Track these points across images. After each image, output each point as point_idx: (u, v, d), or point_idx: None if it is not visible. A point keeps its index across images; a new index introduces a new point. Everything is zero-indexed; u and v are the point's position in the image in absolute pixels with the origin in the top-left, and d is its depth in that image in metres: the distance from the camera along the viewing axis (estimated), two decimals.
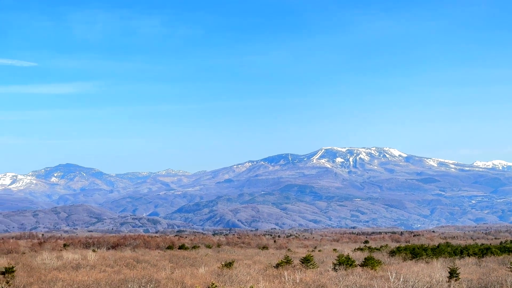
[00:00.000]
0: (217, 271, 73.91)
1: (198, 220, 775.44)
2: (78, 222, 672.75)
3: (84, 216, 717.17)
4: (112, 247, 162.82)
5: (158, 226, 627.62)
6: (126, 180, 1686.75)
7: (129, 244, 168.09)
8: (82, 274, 70.27)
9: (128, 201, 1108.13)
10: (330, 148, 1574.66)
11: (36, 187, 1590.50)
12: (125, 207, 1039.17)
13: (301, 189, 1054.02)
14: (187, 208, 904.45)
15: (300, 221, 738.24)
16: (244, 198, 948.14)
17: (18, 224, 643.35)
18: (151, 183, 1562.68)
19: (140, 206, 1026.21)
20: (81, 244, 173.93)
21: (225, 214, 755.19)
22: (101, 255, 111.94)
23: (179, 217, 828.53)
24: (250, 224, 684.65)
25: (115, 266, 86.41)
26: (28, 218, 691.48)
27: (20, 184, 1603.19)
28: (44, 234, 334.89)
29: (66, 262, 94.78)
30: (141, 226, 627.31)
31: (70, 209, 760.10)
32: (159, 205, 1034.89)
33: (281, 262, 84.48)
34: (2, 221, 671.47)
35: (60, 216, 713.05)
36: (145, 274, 65.91)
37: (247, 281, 62.07)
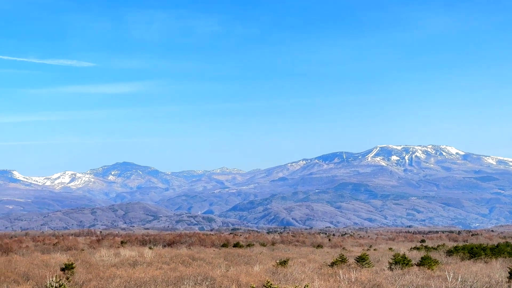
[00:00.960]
0: (272, 269, 73.91)
1: (253, 218, 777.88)
2: (135, 220, 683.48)
3: (141, 213, 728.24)
4: (168, 244, 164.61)
5: (213, 224, 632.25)
6: (181, 178, 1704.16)
7: (184, 241, 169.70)
8: (139, 271, 71.24)
9: (183, 199, 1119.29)
10: (385, 146, 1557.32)
11: (94, 185, 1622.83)
12: (181, 205, 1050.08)
13: (355, 188, 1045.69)
14: (241, 206, 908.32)
15: (355, 219, 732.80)
16: (299, 197, 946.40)
17: (77, 222, 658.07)
18: (206, 181, 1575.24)
19: (195, 204, 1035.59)
20: (137, 242, 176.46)
21: (279, 213, 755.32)
22: (158, 252, 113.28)
23: (233, 215, 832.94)
24: (305, 223, 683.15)
25: (171, 263, 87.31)
26: (87, 215, 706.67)
27: (78, 182, 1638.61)
28: (102, 231, 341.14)
29: (124, 259, 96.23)
30: (196, 224, 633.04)
31: (127, 207, 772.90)
32: (214, 203, 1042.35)
33: (336, 261, 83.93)
34: (62, 218, 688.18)
35: (117, 214, 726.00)
36: (201, 272, 66.40)
37: (302, 279, 61.91)
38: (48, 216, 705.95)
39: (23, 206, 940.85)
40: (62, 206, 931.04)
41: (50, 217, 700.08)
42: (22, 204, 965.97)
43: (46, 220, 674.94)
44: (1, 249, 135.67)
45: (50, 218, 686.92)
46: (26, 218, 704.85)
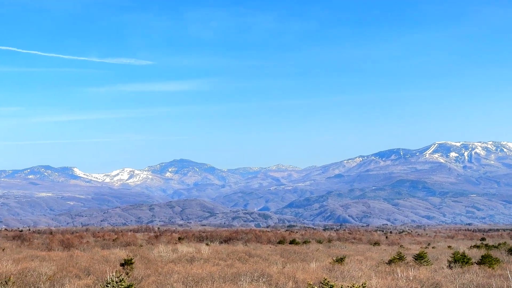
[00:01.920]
0: (329, 266, 73.59)
1: (309, 215, 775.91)
2: (192, 216, 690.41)
3: (197, 210, 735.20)
4: (224, 241, 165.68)
5: (269, 221, 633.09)
6: (237, 175, 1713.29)
7: (241, 238, 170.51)
8: (197, 267, 71.92)
9: (240, 196, 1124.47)
10: (443, 143, 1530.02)
11: (152, 182, 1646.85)
12: (237, 201, 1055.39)
13: (413, 185, 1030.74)
14: (297, 203, 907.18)
15: (412, 217, 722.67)
16: (355, 194, 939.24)
17: (136, 218, 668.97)
18: (262, 178, 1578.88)
19: (251, 201, 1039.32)
20: (194, 238, 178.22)
21: (336, 210, 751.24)
22: (214, 248, 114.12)
23: (289, 212, 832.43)
24: (361, 220, 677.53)
25: (228, 260, 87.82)
26: (145, 212, 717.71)
27: (137, 179, 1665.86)
28: (159, 228, 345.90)
29: (181, 255, 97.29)
30: (252, 220, 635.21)
31: (184, 204, 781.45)
32: (269, 200, 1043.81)
33: (394, 259, 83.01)
34: (121, 214, 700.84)
35: (174, 210, 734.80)
36: (257, 268, 66.60)
37: (359, 277, 61.45)
38: (107, 212, 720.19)
39: (84, 203, 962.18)
40: (121, 203, 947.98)
41: (110, 213, 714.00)
42: (82, 201, 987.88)
43: (105, 216, 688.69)
44: (63, 244, 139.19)
45: (110, 214, 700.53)
46: (87, 214, 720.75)
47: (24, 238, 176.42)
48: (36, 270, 65.94)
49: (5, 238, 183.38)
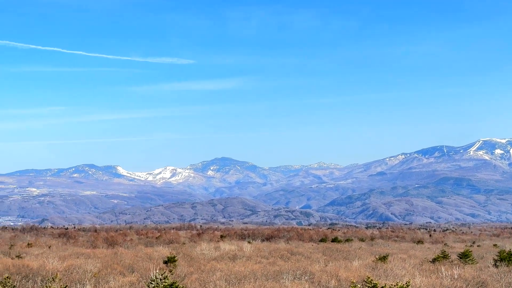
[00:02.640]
0: (371, 264, 73.07)
1: (351, 213, 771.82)
2: (234, 214, 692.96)
3: (239, 208, 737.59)
4: (266, 239, 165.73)
5: (311, 219, 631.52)
6: (278, 173, 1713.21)
7: (282, 236, 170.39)
8: (239, 264, 72.16)
9: (281, 193, 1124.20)
10: (488, 140, 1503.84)
11: (194, 180, 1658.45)
12: (278, 199, 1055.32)
13: (457, 182, 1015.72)
14: (339, 201, 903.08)
15: (456, 215, 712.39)
16: (397, 191, 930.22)
17: (178, 216, 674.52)
18: (303, 176, 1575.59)
19: (292, 199, 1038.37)
20: (236, 236, 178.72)
21: (378, 207, 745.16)
22: (256, 246, 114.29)
23: (331, 210, 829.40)
24: (404, 218, 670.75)
25: (270, 258, 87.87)
26: (187, 210, 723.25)
27: (179, 177, 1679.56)
28: (202, 226, 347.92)
29: (223, 252, 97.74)
30: (294, 218, 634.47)
31: (226, 202, 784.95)
32: (311, 197, 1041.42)
33: (438, 257, 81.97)
34: (164, 212, 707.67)
35: (216, 208, 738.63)
36: (300, 266, 66.54)
37: (403, 275, 60.86)
38: (150, 210, 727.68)
39: (127, 201, 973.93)
40: (163, 201, 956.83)
41: (153, 211, 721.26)
42: (126, 199, 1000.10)
43: (148, 214, 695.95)
44: (108, 242, 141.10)
45: (153, 212, 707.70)
46: (130, 212, 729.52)
47: (70, 235, 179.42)
48: (82, 267, 67.01)
49: (51, 235, 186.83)
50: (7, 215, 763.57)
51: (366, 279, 40.66)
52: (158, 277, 34.60)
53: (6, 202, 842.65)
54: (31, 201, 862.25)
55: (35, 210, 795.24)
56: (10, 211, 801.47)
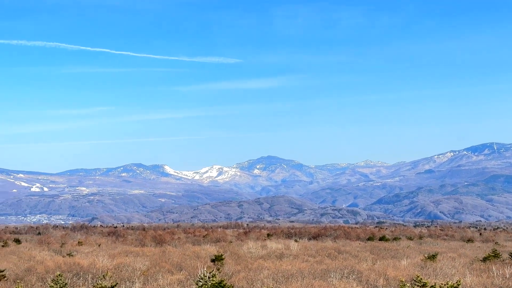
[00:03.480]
0: (420, 263, 72.25)
1: (398, 211, 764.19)
2: (280, 213, 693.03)
3: (286, 206, 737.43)
4: (313, 237, 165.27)
5: (358, 217, 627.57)
6: (325, 171, 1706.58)
7: (329, 234, 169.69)
8: (286, 263, 72.16)
9: (328, 192, 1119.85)
10: None
11: (240, 178, 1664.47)
12: (325, 198, 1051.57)
13: (508, 180, 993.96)
14: (386, 199, 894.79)
15: (508, 213, 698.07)
16: (446, 189, 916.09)
17: (225, 214, 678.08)
18: (350, 174, 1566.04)
19: (339, 197, 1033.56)
20: (283, 234, 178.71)
21: (426, 206, 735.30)
22: (303, 245, 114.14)
23: (378, 208, 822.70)
24: (453, 216, 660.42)
25: (317, 256, 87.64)
26: (234, 208, 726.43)
27: (225, 176, 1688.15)
28: (248, 224, 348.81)
29: (270, 251, 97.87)
30: (340, 217, 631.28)
31: (272, 200, 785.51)
32: (358, 196, 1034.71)
33: (489, 256, 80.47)
34: (210, 211, 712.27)
35: (263, 207, 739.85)
36: (347, 265, 66.18)
37: (453, 274, 59.98)
38: (197, 209, 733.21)
39: (174, 199, 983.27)
40: (210, 199, 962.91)
41: (200, 210, 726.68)
42: (173, 198, 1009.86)
43: (195, 212, 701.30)
44: (156, 240, 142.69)
45: (200, 211, 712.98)
46: (177, 210, 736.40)
47: (119, 234, 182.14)
48: (131, 265, 67.97)
49: (100, 234, 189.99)
50: (58, 214, 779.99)
51: (415, 278, 40.20)
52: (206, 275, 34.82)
53: (57, 201, 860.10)
54: (81, 200, 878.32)
55: (85, 209, 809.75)
56: (61, 210, 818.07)
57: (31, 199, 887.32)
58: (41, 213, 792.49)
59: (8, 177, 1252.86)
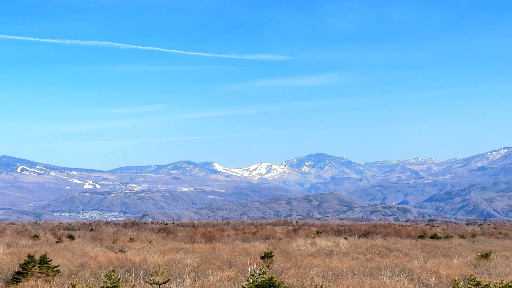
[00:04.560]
0: (473, 262, 71.02)
1: (450, 209, 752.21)
2: (329, 210, 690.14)
3: (335, 204, 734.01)
4: (363, 235, 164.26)
5: (408, 215, 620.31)
6: (374, 168, 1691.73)
7: (379, 232, 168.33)
8: (336, 260, 71.86)
9: (377, 189, 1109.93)
10: None
11: (289, 176, 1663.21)
12: (374, 195, 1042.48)
13: None
14: (437, 196, 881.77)
15: None
16: (500, 187, 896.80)
17: (274, 211, 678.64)
18: (400, 171, 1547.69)
19: (389, 195, 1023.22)
20: (332, 232, 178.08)
21: (479, 203, 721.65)
22: (353, 242, 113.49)
23: (429, 206, 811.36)
24: (507, 214, 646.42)
25: (367, 254, 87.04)
26: (283, 205, 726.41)
27: (274, 173, 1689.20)
28: (297, 221, 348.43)
29: (320, 248, 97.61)
30: (391, 214, 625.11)
31: (321, 197, 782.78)
32: (408, 193, 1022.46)
33: None
34: (259, 208, 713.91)
35: (312, 204, 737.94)
36: (398, 263, 65.54)
37: (507, 273, 58.80)
38: (246, 206, 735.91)
39: (224, 197, 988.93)
40: (259, 197, 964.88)
41: (249, 207, 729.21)
42: (222, 195, 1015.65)
43: (244, 210, 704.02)
44: (205, 237, 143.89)
45: (249, 208, 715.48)
46: (227, 207, 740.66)
47: (169, 231, 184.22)
48: (181, 261, 68.69)
49: (151, 230, 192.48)
50: (110, 211, 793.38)
51: (469, 277, 39.54)
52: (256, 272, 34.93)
53: (109, 198, 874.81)
54: (132, 197, 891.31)
55: (136, 206, 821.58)
56: (113, 206, 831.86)
57: (84, 196, 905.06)
58: (93, 209, 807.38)
59: (62, 174, 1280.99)
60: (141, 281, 56.70)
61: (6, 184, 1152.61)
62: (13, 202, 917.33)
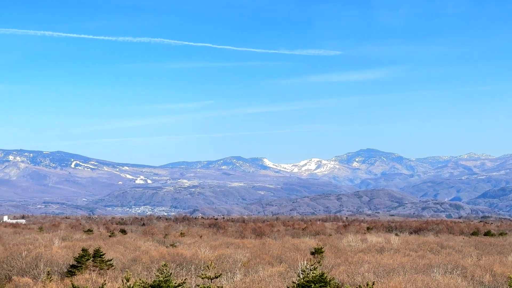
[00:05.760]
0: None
1: (504, 205, 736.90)
2: (380, 206, 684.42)
3: (386, 200, 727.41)
4: (414, 231, 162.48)
5: (461, 212, 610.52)
6: (426, 164, 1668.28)
7: (431, 229, 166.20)
8: (387, 257, 71.25)
9: (429, 185, 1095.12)
10: None
11: (339, 171, 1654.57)
12: (426, 191, 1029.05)
13: None
14: (491, 193, 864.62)
15: None
16: None
17: (323, 207, 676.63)
18: (452, 167, 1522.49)
19: (441, 191, 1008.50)
20: (383, 228, 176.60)
21: None
22: (404, 239, 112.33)
23: (483, 202, 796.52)
24: None
25: (419, 251, 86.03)
26: (333, 201, 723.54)
27: (324, 169, 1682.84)
28: (347, 217, 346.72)
29: (370, 245, 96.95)
30: (443, 211, 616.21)
31: (372, 193, 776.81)
32: (461, 190, 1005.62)
33: None
34: (309, 204, 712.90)
35: (362, 200, 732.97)
36: (451, 260, 64.63)
37: None
38: (296, 202, 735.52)
39: (273, 192, 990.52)
40: (309, 192, 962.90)
41: (298, 202, 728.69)
42: (272, 190, 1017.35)
43: (294, 205, 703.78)
44: (255, 233, 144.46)
45: (298, 204, 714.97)
46: (276, 203, 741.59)
47: (219, 226, 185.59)
48: (232, 256, 69.10)
49: (201, 225, 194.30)
50: (161, 206, 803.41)
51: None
52: (307, 268, 34.88)
53: (160, 193, 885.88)
54: (182, 192, 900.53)
55: (186, 201, 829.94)
56: (164, 201, 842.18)
57: (136, 191, 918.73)
58: (145, 204, 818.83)
59: (114, 169, 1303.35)
60: (193, 275, 57.26)
61: (61, 179, 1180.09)
62: (68, 196, 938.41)
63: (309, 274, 33.72)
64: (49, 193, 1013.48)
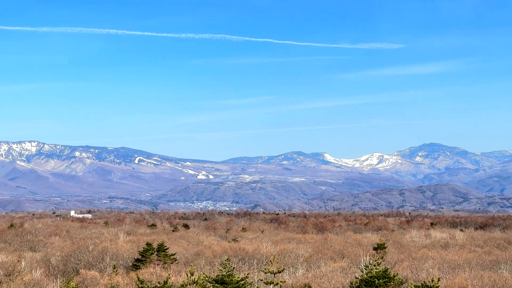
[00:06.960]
0: None
1: None
2: (444, 201, 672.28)
3: (450, 195, 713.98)
4: (480, 227, 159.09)
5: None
6: (492, 158, 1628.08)
7: (498, 224, 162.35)
8: (452, 253, 70.07)
9: (495, 180, 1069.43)
10: None
11: (401, 166, 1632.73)
12: (492, 186, 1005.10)
13: None
14: None
15: None
16: None
17: (386, 202, 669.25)
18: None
19: (508, 186, 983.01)
20: (447, 223, 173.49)
21: None
22: (469, 235, 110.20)
23: None
24: None
25: (485, 247, 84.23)
26: (395, 196, 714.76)
27: (386, 164, 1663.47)
28: (410, 213, 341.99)
29: (434, 240, 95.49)
30: (510, 206, 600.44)
31: (435, 188, 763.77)
32: None
33: None
34: (371, 199, 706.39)
35: (425, 195, 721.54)
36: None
37: None
38: (358, 197, 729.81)
39: (335, 187, 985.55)
40: (370, 187, 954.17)
41: (360, 197, 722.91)
42: (333, 185, 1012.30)
43: (356, 200, 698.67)
44: (317, 228, 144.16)
45: (360, 199, 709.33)
46: (338, 198, 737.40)
47: (280, 221, 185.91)
48: (293, 251, 69.17)
49: (263, 220, 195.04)
50: (223, 201, 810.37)
51: None
52: (370, 263, 34.65)
53: (222, 189, 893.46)
54: (244, 187, 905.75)
55: (247, 196, 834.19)
56: (225, 197, 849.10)
57: (198, 186, 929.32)
58: (207, 199, 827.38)
59: (176, 165, 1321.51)
60: (255, 270, 57.60)
61: (125, 174, 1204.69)
62: (131, 192, 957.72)
63: (373, 269, 33.48)
64: (114, 188, 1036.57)
